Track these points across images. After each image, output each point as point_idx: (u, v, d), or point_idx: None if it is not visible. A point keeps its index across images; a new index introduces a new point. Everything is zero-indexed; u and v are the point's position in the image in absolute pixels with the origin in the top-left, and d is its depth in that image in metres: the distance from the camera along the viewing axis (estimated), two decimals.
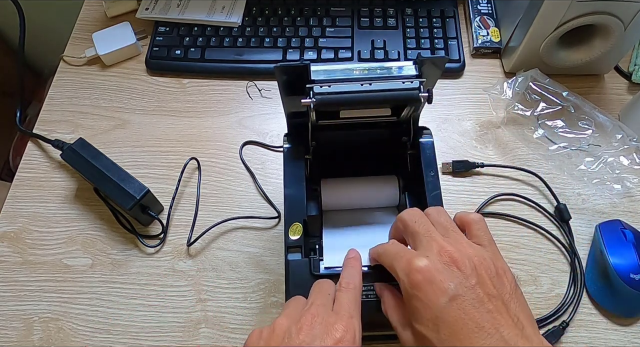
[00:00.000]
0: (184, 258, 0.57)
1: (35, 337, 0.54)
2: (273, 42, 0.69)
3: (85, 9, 0.76)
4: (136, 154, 0.64)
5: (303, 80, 0.39)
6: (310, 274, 0.41)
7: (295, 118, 0.44)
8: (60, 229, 0.59)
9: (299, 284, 0.41)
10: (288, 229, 0.43)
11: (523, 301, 0.34)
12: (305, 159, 0.45)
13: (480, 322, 0.31)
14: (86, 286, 0.56)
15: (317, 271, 0.41)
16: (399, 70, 0.40)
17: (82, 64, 0.71)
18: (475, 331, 0.30)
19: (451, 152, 0.63)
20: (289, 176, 0.45)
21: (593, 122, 0.60)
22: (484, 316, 0.31)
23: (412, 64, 0.40)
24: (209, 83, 0.69)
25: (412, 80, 0.39)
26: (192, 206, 0.60)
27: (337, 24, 0.71)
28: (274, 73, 0.39)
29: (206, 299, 0.55)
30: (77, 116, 0.67)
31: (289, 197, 0.44)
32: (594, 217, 0.58)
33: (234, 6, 0.72)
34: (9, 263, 0.58)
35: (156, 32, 0.71)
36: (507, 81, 0.62)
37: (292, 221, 0.43)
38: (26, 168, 0.64)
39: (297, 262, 0.42)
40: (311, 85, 0.39)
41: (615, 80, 0.68)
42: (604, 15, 0.56)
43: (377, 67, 0.40)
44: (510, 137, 0.64)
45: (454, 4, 0.73)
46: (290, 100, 0.42)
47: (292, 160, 0.45)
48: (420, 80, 0.39)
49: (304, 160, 0.45)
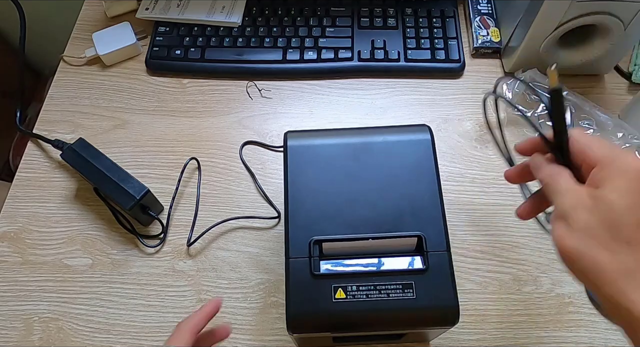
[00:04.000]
0: (184, 258, 0.57)
1: (35, 337, 0.54)
2: (273, 42, 0.69)
3: (85, 9, 0.76)
4: (136, 154, 0.64)
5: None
6: (310, 274, 0.41)
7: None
8: (60, 229, 0.59)
9: (299, 285, 0.41)
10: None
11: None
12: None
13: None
14: (86, 286, 0.56)
15: (317, 271, 0.41)
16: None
17: (82, 64, 0.71)
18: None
19: (451, 152, 0.63)
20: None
21: (594, 121, 0.60)
22: None
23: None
24: (209, 83, 0.69)
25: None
26: (192, 206, 0.60)
27: (337, 24, 0.71)
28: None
29: (206, 299, 0.55)
30: (77, 116, 0.67)
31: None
32: None
33: (234, 6, 0.72)
34: (9, 263, 0.58)
35: (156, 32, 0.71)
36: (507, 82, 0.62)
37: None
38: (26, 168, 0.64)
39: (298, 262, 0.42)
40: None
41: (615, 80, 0.68)
42: (604, 15, 0.56)
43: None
44: (511, 138, 0.64)
45: (454, 4, 0.73)
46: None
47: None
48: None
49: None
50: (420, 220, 0.43)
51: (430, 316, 0.41)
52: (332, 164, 0.46)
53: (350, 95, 0.68)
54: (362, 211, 0.43)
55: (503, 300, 0.54)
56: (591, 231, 0.30)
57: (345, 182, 0.45)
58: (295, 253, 0.42)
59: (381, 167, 0.45)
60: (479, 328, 0.53)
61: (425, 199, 0.44)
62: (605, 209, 0.30)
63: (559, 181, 0.33)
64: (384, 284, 0.41)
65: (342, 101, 0.68)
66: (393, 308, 0.40)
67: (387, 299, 0.40)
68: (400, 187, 0.44)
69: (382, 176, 0.45)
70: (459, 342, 0.53)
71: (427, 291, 0.40)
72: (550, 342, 0.52)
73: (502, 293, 0.55)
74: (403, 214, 0.43)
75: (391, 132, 0.47)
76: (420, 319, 0.41)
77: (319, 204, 0.44)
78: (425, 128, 0.47)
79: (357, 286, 0.41)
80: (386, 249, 0.43)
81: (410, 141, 0.47)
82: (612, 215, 0.30)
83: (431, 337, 0.51)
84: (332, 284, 0.41)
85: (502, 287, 0.55)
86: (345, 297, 0.40)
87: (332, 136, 0.48)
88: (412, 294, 0.40)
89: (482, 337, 0.53)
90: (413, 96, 0.68)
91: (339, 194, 0.44)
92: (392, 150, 0.46)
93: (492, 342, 0.53)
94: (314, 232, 0.43)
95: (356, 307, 0.40)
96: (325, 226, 0.43)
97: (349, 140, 0.47)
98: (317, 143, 0.47)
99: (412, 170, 0.45)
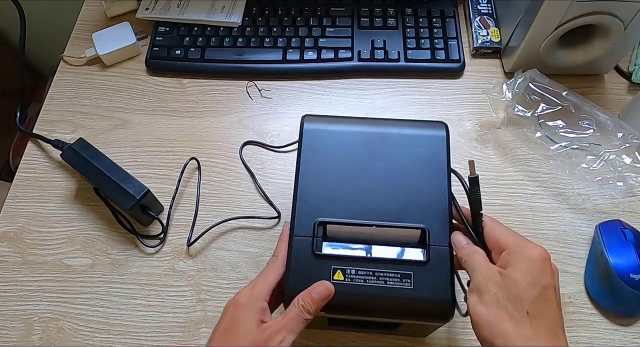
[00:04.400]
0: (184, 258, 0.57)
1: (35, 337, 0.54)
2: (273, 42, 0.69)
3: (85, 9, 0.76)
4: (136, 154, 0.64)
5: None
6: (312, 254, 0.42)
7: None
8: (60, 229, 0.59)
9: (300, 262, 0.42)
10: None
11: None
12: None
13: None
14: (86, 286, 0.56)
15: (319, 251, 0.42)
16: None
17: (82, 64, 0.71)
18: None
19: (451, 152, 0.63)
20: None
21: (594, 121, 0.60)
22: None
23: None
24: (209, 83, 0.69)
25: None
26: (192, 206, 0.60)
27: (337, 24, 0.71)
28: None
29: (206, 299, 0.55)
30: (77, 116, 0.67)
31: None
32: (594, 217, 0.58)
33: (234, 6, 0.72)
34: (9, 263, 0.58)
35: (156, 32, 0.71)
36: (507, 82, 0.62)
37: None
38: (26, 168, 0.64)
39: (302, 240, 0.42)
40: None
41: (615, 80, 0.68)
42: (604, 15, 0.56)
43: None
44: (511, 138, 0.64)
45: (454, 4, 0.73)
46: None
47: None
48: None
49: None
50: (426, 214, 0.43)
51: (424, 308, 0.41)
52: (345, 150, 0.46)
53: (350, 95, 0.68)
54: (370, 199, 0.44)
55: None
56: (499, 303, 0.36)
57: (356, 170, 0.45)
58: (300, 232, 0.43)
59: (394, 159, 0.46)
60: None
61: (434, 194, 0.44)
62: (512, 285, 0.36)
63: (475, 259, 0.39)
64: (382, 271, 0.41)
65: (342, 101, 0.68)
66: (389, 296, 0.41)
67: (384, 286, 0.41)
68: (410, 180, 0.45)
69: (394, 168, 0.45)
70: (459, 342, 0.53)
71: (425, 284, 0.41)
72: None
73: None
74: (410, 206, 0.44)
75: (408, 126, 0.48)
76: (415, 310, 0.41)
77: (328, 188, 0.44)
78: (442, 125, 0.48)
79: (355, 269, 0.41)
80: (389, 238, 0.43)
81: (425, 136, 0.47)
82: (516, 291, 0.36)
83: (426, 333, 0.51)
84: (332, 265, 0.42)
85: None
86: (344, 279, 0.41)
87: (348, 123, 0.48)
88: (410, 285, 0.41)
89: None
90: (413, 96, 0.68)
91: (349, 180, 0.45)
92: (406, 144, 0.46)
93: None
94: (320, 214, 0.43)
95: (352, 290, 0.41)
96: (332, 209, 0.44)
97: (365, 129, 0.47)
98: (332, 129, 0.47)
99: (424, 165, 0.45)
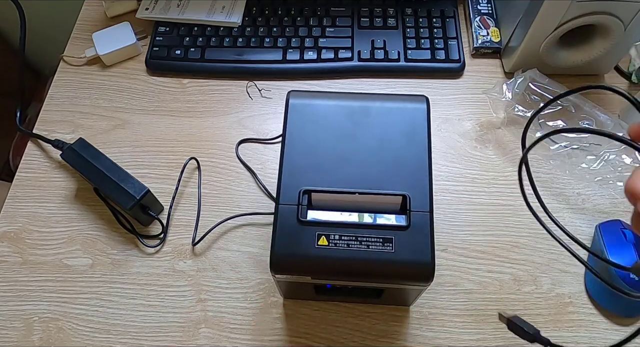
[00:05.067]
0: (184, 258, 0.57)
1: (35, 337, 0.54)
2: (273, 42, 0.69)
3: (85, 9, 0.76)
4: (136, 154, 0.64)
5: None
6: (297, 221, 0.43)
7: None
8: (60, 229, 0.59)
9: (286, 229, 0.43)
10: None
11: None
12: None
13: None
14: (86, 286, 0.56)
15: (304, 218, 0.43)
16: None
17: (82, 64, 0.71)
18: None
19: (451, 152, 0.63)
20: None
21: (594, 121, 0.60)
22: None
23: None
24: (209, 83, 0.69)
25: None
26: (192, 206, 0.60)
27: (337, 24, 0.71)
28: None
29: (206, 299, 0.55)
30: (77, 116, 0.67)
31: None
32: (594, 217, 0.58)
33: (234, 6, 0.72)
34: (9, 263, 0.58)
35: (156, 32, 0.71)
36: (507, 82, 0.62)
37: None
38: (26, 168, 0.64)
39: (287, 208, 0.43)
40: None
41: (615, 80, 0.68)
42: (604, 15, 0.56)
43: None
44: (511, 138, 0.64)
45: (454, 4, 0.73)
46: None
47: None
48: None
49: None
50: (407, 182, 0.44)
51: (406, 271, 0.42)
52: (329, 123, 0.47)
53: None
54: (353, 168, 0.45)
55: (503, 300, 0.54)
56: None
57: (340, 141, 0.46)
58: (285, 200, 0.44)
59: (376, 130, 0.47)
60: (479, 328, 0.53)
61: (414, 163, 0.45)
62: None
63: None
64: (365, 236, 0.42)
65: None
66: (371, 259, 0.42)
67: (367, 250, 0.42)
68: (392, 150, 0.46)
69: (376, 138, 0.47)
70: (459, 342, 0.53)
71: (406, 247, 0.42)
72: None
73: (502, 293, 0.55)
74: (391, 175, 0.45)
75: (390, 99, 0.49)
76: (397, 272, 0.42)
77: (312, 158, 0.46)
78: (423, 98, 0.49)
79: (339, 235, 0.42)
80: (372, 206, 0.44)
81: (406, 108, 0.48)
82: None
83: (410, 300, 0.52)
84: (317, 232, 0.43)
85: (502, 287, 0.55)
86: (328, 245, 0.42)
87: (332, 98, 0.49)
88: (392, 248, 0.42)
89: (482, 337, 0.53)
90: None
91: (333, 151, 0.46)
92: (388, 116, 0.48)
93: (492, 342, 0.53)
94: (305, 183, 0.44)
95: (336, 255, 0.42)
96: (317, 178, 0.45)
97: (348, 103, 0.49)
98: (317, 103, 0.49)
99: (405, 135, 0.47)
